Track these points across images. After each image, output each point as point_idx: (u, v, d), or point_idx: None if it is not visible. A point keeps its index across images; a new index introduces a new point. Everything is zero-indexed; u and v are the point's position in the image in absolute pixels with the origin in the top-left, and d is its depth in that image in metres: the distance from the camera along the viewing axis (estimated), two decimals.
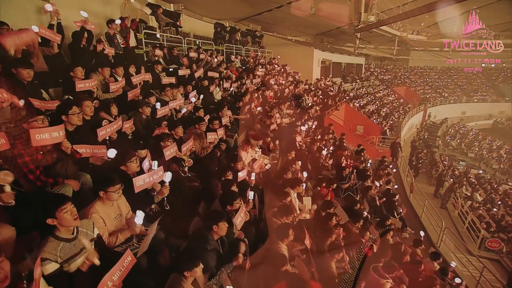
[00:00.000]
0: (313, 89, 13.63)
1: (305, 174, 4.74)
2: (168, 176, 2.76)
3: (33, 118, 2.47)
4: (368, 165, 9.26)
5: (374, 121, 17.04)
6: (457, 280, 5.18)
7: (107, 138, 3.21)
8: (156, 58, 6.48)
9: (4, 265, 1.31)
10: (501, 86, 33.84)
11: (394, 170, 10.01)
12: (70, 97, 3.66)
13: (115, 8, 6.76)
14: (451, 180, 13.96)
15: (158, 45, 6.95)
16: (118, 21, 5.54)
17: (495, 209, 12.70)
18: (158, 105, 4.56)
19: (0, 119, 2.28)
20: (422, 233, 6.64)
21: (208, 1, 13.53)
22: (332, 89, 16.14)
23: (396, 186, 9.02)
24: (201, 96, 5.89)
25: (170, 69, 6.62)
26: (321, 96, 13.41)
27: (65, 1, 5.44)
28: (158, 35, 7.55)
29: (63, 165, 2.15)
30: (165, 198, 2.90)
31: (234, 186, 3.18)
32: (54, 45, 4.04)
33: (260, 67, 10.78)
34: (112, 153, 2.67)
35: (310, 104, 11.07)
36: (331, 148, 8.63)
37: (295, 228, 3.67)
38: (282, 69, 13.00)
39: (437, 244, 7.53)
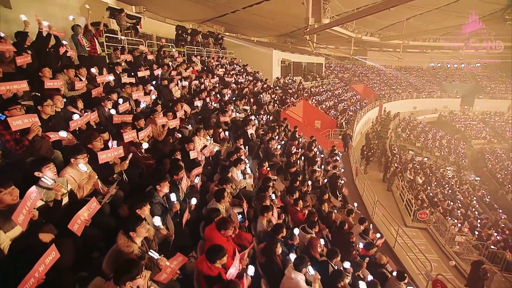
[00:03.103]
0: (271, 87, 14.76)
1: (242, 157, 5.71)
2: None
3: (12, 107, 3.12)
4: (317, 153, 10.53)
5: (331, 116, 18.59)
6: (378, 235, 6.56)
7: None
8: (119, 60, 7.09)
9: (14, 190, 2.11)
10: (444, 84, 37.84)
11: (341, 155, 11.40)
12: (37, 93, 4.27)
13: (72, 12, 7.19)
14: (396, 165, 15.86)
15: (119, 48, 7.54)
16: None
17: (429, 188, 14.70)
18: (120, 100, 5.31)
19: None
20: (355, 204, 7.99)
21: (170, 3, 14.02)
22: (291, 86, 17.41)
23: (342, 168, 10.46)
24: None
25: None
26: (280, 93, 14.58)
27: (27, 7, 5.95)
28: (119, 38, 8.15)
29: (39, 142, 2.90)
30: (123, 172, 3.71)
31: (180, 162, 4.04)
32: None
33: (220, 67, 11.61)
34: (63, 133, 3.37)
35: (268, 101, 12.17)
36: (283, 139, 9.78)
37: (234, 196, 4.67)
38: (243, 69, 13.94)
39: (372, 216, 8.94)
